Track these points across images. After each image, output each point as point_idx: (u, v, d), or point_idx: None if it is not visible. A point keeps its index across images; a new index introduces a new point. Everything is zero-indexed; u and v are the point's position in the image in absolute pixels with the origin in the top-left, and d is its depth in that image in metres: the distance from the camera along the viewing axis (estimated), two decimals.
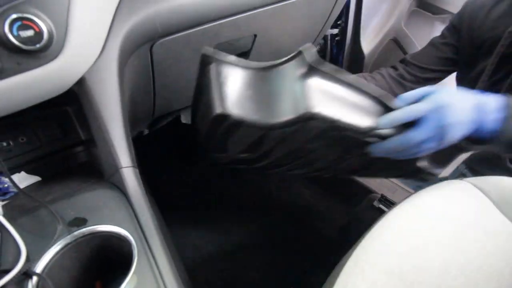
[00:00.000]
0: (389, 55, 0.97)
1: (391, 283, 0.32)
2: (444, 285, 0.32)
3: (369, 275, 0.33)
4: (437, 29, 0.97)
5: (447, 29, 0.64)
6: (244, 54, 0.63)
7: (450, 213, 0.38)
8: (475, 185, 0.42)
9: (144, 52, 0.44)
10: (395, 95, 0.65)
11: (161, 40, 0.44)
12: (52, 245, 0.32)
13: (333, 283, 0.34)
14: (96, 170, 0.46)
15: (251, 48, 0.61)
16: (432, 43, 0.66)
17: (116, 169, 0.39)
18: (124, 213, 0.35)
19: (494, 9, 0.55)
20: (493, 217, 0.38)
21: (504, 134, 0.36)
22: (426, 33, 1.00)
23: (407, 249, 0.35)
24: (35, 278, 0.29)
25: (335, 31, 0.93)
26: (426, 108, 0.33)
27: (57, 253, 0.32)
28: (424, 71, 0.66)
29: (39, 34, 0.30)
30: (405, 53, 0.98)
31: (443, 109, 0.33)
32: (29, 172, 0.48)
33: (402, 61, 0.69)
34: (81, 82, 0.37)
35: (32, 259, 0.31)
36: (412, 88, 0.69)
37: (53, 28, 0.31)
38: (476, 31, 0.57)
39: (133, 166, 0.39)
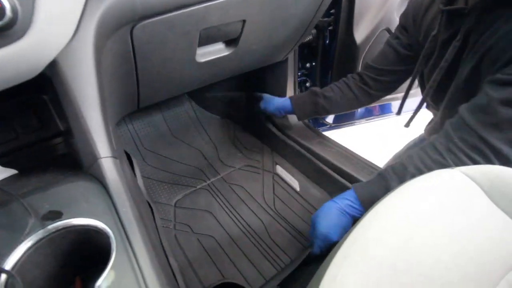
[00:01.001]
0: (382, 45, 0.96)
1: (382, 274, 0.31)
2: (436, 275, 0.31)
3: (359, 266, 0.32)
4: None
5: (398, 29, 0.63)
6: (233, 41, 0.61)
7: (440, 202, 0.38)
8: (466, 174, 0.41)
9: (124, 35, 0.41)
10: (362, 104, 0.74)
11: (142, 23, 0.41)
12: (23, 241, 0.30)
13: (322, 275, 0.33)
14: (76, 162, 0.43)
15: (240, 35, 0.58)
16: (389, 44, 0.65)
17: (94, 159, 0.36)
18: (103, 205, 0.33)
19: (430, 9, 0.54)
20: (483, 206, 0.38)
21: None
22: None
23: (398, 239, 0.34)
24: (3, 276, 0.27)
25: (328, 20, 0.91)
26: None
27: (29, 248, 0.30)
28: (387, 74, 0.67)
29: (0, 10, 0.27)
30: None
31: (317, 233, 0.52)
32: (4, 165, 0.46)
33: (365, 67, 0.70)
34: (53, 66, 0.34)
35: (1, 254, 0.29)
36: (377, 96, 0.70)
37: (17, 4, 0.28)
38: (418, 29, 0.57)
39: (113, 156, 0.37)
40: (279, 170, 0.87)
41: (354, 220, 0.53)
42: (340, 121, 1.14)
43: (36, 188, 0.36)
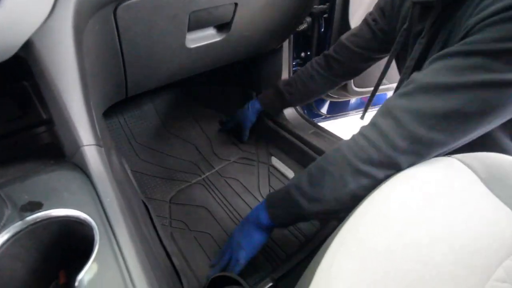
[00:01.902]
0: None
1: (377, 261, 0.30)
2: (432, 262, 0.30)
3: (355, 253, 0.31)
4: None
5: (376, 11, 0.60)
6: (225, 26, 0.58)
7: (437, 190, 0.37)
8: (462, 162, 0.41)
9: (107, 15, 0.38)
10: (324, 93, 0.78)
11: (126, 2, 0.38)
12: None
13: (318, 263, 0.32)
14: (60, 152, 0.41)
15: (232, 19, 0.56)
16: (367, 23, 0.62)
17: (77, 147, 0.34)
18: (85, 195, 0.32)
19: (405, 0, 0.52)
20: (480, 194, 0.37)
21: (281, 223, 0.51)
22: None
23: (393, 227, 0.33)
24: None
25: (323, 7, 0.89)
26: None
27: (6, 241, 0.28)
28: (356, 58, 0.65)
29: None
30: None
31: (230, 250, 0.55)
32: None
33: (338, 46, 0.67)
34: (28, 46, 0.31)
35: None
36: (338, 83, 0.75)
37: None
38: (396, 17, 0.55)
39: (97, 144, 0.35)
40: (274, 161, 0.86)
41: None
42: (334, 112, 1.13)
43: (15, 178, 0.34)
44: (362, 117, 0.68)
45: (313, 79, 0.72)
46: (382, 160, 0.39)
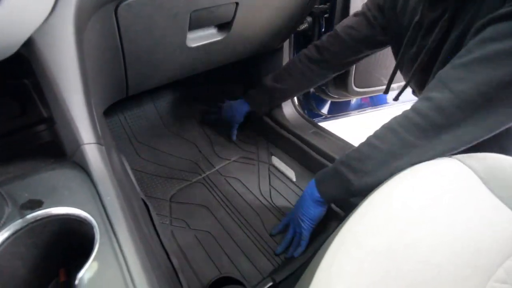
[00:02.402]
0: None
1: (378, 261, 0.30)
2: (433, 262, 0.30)
3: (355, 254, 0.31)
4: None
5: (374, 7, 0.60)
6: (225, 25, 0.58)
7: (437, 190, 0.37)
8: (463, 162, 0.40)
9: (108, 14, 0.38)
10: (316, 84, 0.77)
11: (128, 1, 0.38)
12: None
13: (318, 263, 0.32)
14: (60, 150, 0.41)
15: (233, 18, 0.56)
16: (366, 17, 0.60)
17: (77, 146, 0.34)
18: (86, 194, 0.32)
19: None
20: (480, 194, 0.37)
21: (331, 199, 0.54)
22: None
23: (394, 228, 0.33)
24: None
25: (324, 7, 0.89)
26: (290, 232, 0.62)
27: (6, 239, 0.28)
28: (351, 51, 0.64)
29: None
30: None
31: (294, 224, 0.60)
32: None
33: (333, 37, 0.66)
34: (30, 44, 0.31)
35: None
36: (328, 77, 0.74)
37: None
38: (401, 15, 0.54)
39: (97, 143, 0.35)
40: (275, 160, 0.86)
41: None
42: (335, 112, 1.13)
43: (15, 176, 0.34)
44: (396, 99, 0.65)
45: (303, 74, 0.71)
46: (436, 133, 0.39)
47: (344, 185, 0.47)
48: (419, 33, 0.50)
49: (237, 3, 0.52)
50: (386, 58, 0.94)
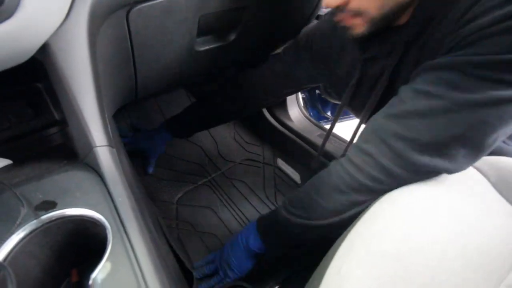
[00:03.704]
0: None
1: (387, 266, 0.30)
2: (442, 267, 0.30)
3: (364, 259, 0.31)
4: None
5: (302, 47, 0.58)
6: (232, 29, 0.59)
7: (447, 194, 0.37)
8: (473, 166, 0.40)
9: (120, 19, 0.39)
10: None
11: (139, 6, 0.39)
12: (15, 231, 0.29)
13: (326, 267, 0.32)
14: (72, 152, 0.42)
15: (240, 22, 0.56)
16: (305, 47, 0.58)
17: (89, 148, 0.35)
18: (98, 195, 0.32)
19: (343, 55, 0.50)
20: (491, 198, 0.37)
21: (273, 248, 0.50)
22: None
23: (402, 232, 0.33)
24: None
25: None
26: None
27: (21, 239, 0.29)
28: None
29: None
30: None
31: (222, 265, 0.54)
32: None
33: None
34: (45, 49, 0.32)
35: None
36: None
37: None
38: (334, 67, 0.53)
39: (109, 145, 0.36)
40: (280, 163, 0.86)
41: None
42: (341, 115, 1.13)
43: (30, 178, 0.35)
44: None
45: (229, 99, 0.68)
46: (378, 188, 0.37)
47: (288, 233, 0.46)
48: (361, 88, 0.48)
49: (244, 8, 0.53)
50: None
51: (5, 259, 0.28)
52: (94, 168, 0.35)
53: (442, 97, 0.31)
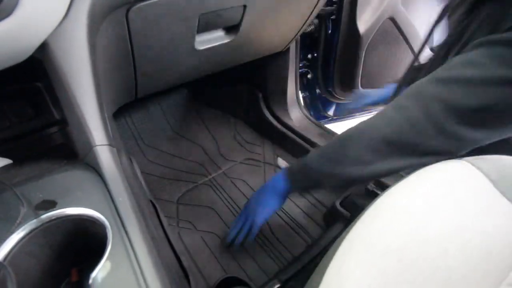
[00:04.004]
0: (386, 34, 0.94)
1: (387, 265, 0.30)
2: (443, 265, 0.30)
3: (364, 257, 0.31)
4: (434, 7, 0.94)
5: None
6: (233, 28, 0.59)
7: (448, 193, 0.37)
8: (473, 164, 0.40)
9: (120, 17, 0.39)
10: None
11: (138, 5, 0.39)
12: (15, 230, 0.29)
13: (327, 265, 0.32)
14: (72, 152, 0.42)
15: (241, 21, 0.56)
16: None
17: (89, 147, 0.35)
18: (98, 195, 0.32)
19: None
20: (491, 197, 0.37)
21: (301, 188, 0.52)
22: (423, 12, 0.97)
23: (403, 231, 0.33)
24: None
25: (330, 9, 0.89)
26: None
27: (21, 239, 0.29)
28: None
29: None
30: (401, 32, 0.95)
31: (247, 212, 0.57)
32: None
33: None
34: (44, 48, 0.32)
35: None
36: None
37: None
38: None
39: (109, 144, 0.36)
40: (281, 162, 0.86)
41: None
42: (341, 114, 1.13)
43: (30, 177, 0.35)
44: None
45: None
46: (405, 146, 0.38)
47: (314, 178, 0.47)
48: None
49: (245, 6, 0.53)
50: (393, 59, 0.94)
51: (5, 258, 0.28)
52: (94, 168, 0.35)
53: (491, 69, 0.32)
